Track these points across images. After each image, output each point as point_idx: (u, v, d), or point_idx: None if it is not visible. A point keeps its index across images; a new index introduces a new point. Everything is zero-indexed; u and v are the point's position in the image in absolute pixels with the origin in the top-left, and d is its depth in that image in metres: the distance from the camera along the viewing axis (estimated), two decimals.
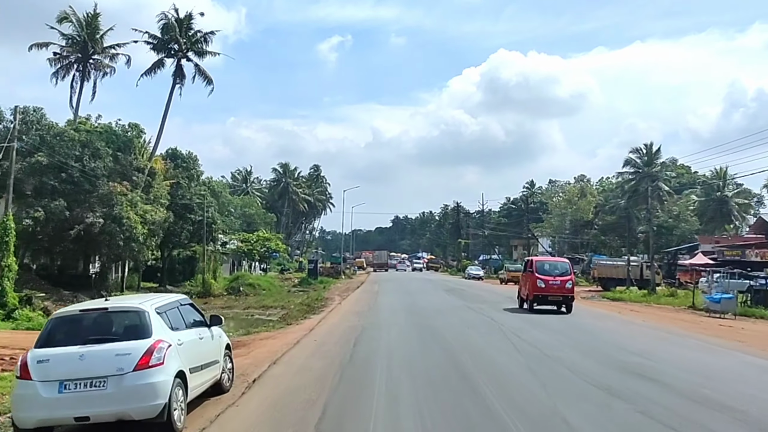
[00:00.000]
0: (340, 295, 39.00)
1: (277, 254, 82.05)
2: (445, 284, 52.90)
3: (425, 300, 32.36)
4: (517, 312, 25.08)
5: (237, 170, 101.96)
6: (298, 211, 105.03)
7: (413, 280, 61.04)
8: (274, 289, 50.74)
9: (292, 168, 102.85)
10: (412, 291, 40.60)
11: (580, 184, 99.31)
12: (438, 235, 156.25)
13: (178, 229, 47.44)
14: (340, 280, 63.07)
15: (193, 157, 51.77)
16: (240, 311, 36.45)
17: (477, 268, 74.64)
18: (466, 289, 44.08)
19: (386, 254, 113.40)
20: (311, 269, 60.62)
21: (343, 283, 58.53)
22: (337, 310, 26.81)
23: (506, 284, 58.83)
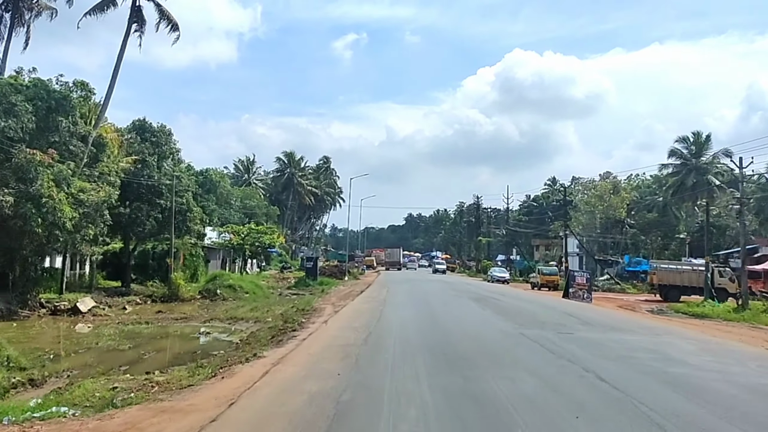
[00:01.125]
0: (335, 303, 28.73)
1: (274, 250, 72.13)
2: (468, 289, 42.54)
3: (452, 317, 21.96)
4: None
5: (239, 159, 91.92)
6: (304, 204, 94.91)
7: (429, 283, 50.73)
8: (260, 292, 40.57)
9: (298, 157, 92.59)
10: (430, 299, 30.18)
11: (613, 179, 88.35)
12: (453, 234, 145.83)
13: (141, 217, 37.44)
14: (344, 281, 52.88)
15: (166, 131, 41.66)
16: (197, 325, 26.31)
17: (501, 269, 64.12)
18: (498, 297, 33.64)
19: (400, 252, 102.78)
20: (309, 268, 50.47)
21: (346, 285, 48.30)
22: (317, 336, 16.52)
23: (539, 290, 48.45)
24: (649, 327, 20.24)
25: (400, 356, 12.72)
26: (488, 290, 41.68)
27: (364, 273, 73.50)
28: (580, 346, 14.42)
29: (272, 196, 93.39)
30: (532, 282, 51.19)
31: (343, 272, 57.96)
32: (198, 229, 41.51)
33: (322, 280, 50.26)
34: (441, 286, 45.20)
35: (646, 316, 27.72)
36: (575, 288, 36.17)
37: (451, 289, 40.98)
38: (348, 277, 57.38)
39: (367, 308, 25.10)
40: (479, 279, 69.56)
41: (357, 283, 50.46)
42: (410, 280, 54.58)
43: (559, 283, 49.98)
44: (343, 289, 43.98)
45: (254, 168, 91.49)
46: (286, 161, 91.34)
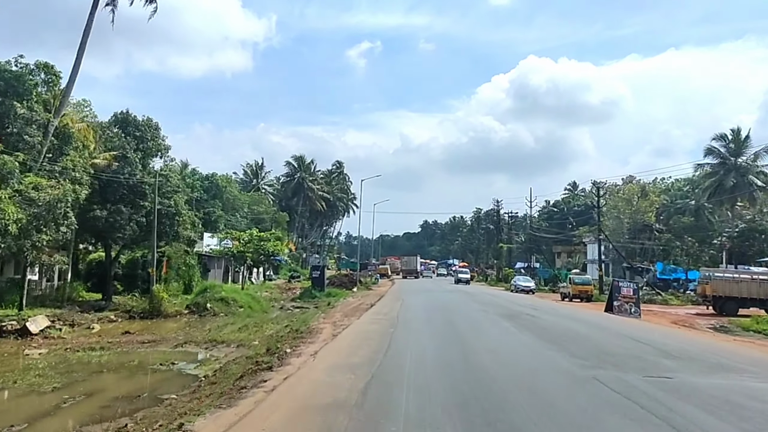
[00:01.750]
0: (337, 322, 23.42)
1: (282, 258, 67.03)
2: (494, 301, 37.06)
3: (485, 345, 16.43)
4: None
5: (247, 163, 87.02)
6: (316, 210, 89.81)
7: (447, 294, 45.32)
8: (257, 306, 35.33)
9: (308, 161, 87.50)
10: (453, 318, 24.68)
11: (639, 183, 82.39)
12: (470, 241, 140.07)
13: (121, 221, 32.48)
14: (354, 293, 47.59)
15: (153, 125, 36.76)
16: (166, 350, 21.09)
17: (526, 278, 58.36)
18: (532, 312, 28.10)
19: (417, 260, 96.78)
20: (316, 278, 45.22)
21: (355, 297, 43.00)
22: (293, 383, 11.17)
23: (570, 301, 42.82)
24: (760, 361, 14.65)
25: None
26: (517, 302, 36.11)
27: (377, 282, 68.15)
28: (701, 406, 8.95)
29: (282, 202, 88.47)
30: (563, 292, 45.51)
31: (353, 282, 52.64)
32: (188, 235, 36.44)
33: (330, 291, 45.05)
34: (461, 298, 39.75)
35: (719, 338, 22.11)
36: (620, 300, 30.56)
37: (475, 302, 35.49)
38: (359, 287, 52.05)
39: (375, 330, 19.73)
40: (501, 288, 63.89)
41: (368, 295, 45.10)
42: (427, 291, 49.12)
43: (593, 293, 44.32)
44: (352, 302, 38.70)
45: (263, 173, 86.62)
46: (296, 165, 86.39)
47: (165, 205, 34.24)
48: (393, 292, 47.49)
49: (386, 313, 26.80)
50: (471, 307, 31.41)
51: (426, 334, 18.87)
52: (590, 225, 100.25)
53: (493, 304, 33.41)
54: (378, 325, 21.25)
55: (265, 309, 35.61)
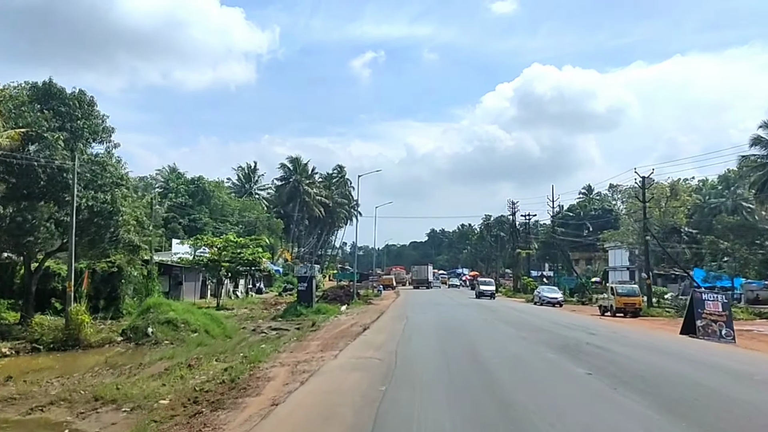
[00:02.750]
0: (300, 364, 14.71)
1: (277, 268, 58.64)
2: (525, 320, 28.30)
3: (569, 425, 7.75)
4: None
5: (239, 166, 78.52)
6: (314, 217, 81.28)
7: (463, 310, 36.64)
8: (217, 330, 26.54)
9: (304, 162, 78.93)
10: (482, 351, 15.77)
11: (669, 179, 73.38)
12: (479, 249, 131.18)
13: (33, 221, 24.03)
14: (349, 308, 38.95)
15: (86, 100, 28.32)
16: (6, 423, 12.43)
17: (552, 288, 49.31)
18: (588, 338, 19.30)
19: (428, 269, 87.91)
20: (302, 291, 36.48)
21: (349, 315, 34.35)
22: None
23: (613, 316, 34.02)
24: None
25: None
26: (555, 321, 27.32)
27: (380, 295, 59.39)
28: None
29: (277, 207, 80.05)
30: (603, 305, 36.61)
31: (350, 295, 43.94)
32: (130, 240, 27.79)
33: (320, 308, 36.40)
34: (482, 315, 31.00)
35: None
36: (705, 319, 21.69)
37: (501, 321, 26.71)
38: (356, 301, 43.33)
39: (354, 387, 11.09)
40: (520, 300, 54.99)
41: (365, 312, 36.38)
42: (438, 305, 40.32)
43: (641, 306, 35.47)
44: (343, 321, 30.10)
45: (256, 177, 78.20)
46: (291, 167, 77.92)
47: (98, 200, 25.72)
48: (396, 308, 38.80)
49: (381, 343, 18.07)
50: (500, 330, 22.64)
51: (442, 393, 10.21)
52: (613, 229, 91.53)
53: (528, 325, 24.62)
54: (363, 374, 12.55)
55: (228, 333, 26.91)
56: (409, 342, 18.37)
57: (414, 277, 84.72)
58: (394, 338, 19.41)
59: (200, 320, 26.36)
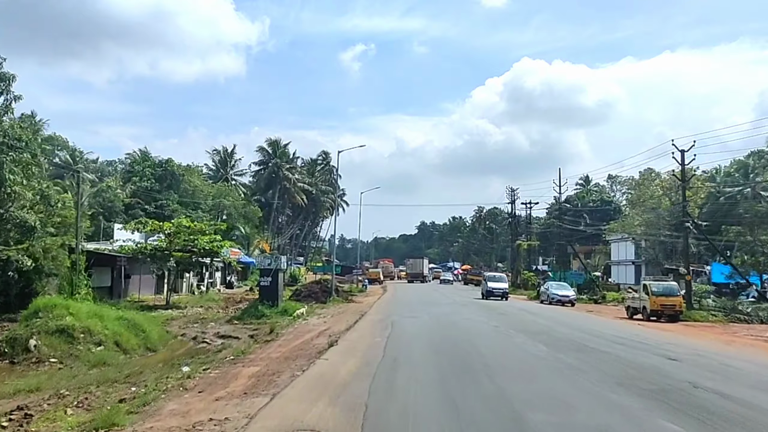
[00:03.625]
0: (220, 400, 7.50)
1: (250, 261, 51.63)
2: (550, 328, 21.13)
3: None
4: None
5: (214, 150, 70.62)
6: (296, 205, 73.84)
7: (464, 310, 29.52)
8: (134, 341, 19.12)
9: (284, 144, 71.16)
10: (524, 414, 8.54)
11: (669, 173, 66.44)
12: (471, 242, 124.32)
13: None
14: (324, 308, 31.66)
15: None
16: None
17: (563, 285, 41.97)
18: (668, 365, 12.18)
19: (424, 262, 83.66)
20: (265, 287, 28.99)
21: (322, 317, 27.10)
22: None
23: (647, 320, 26.99)
24: None
25: None
26: (591, 332, 20.13)
27: (365, 290, 52.26)
28: None
29: (255, 194, 72.52)
30: (633, 306, 29.54)
31: (327, 291, 36.65)
32: (23, 218, 20.34)
33: (288, 307, 29.08)
34: (489, 320, 23.81)
35: None
36: None
37: (521, 332, 19.38)
38: (334, 299, 36.04)
39: None
40: (523, 297, 47.91)
41: (343, 312, 29.14)
42: (431, 305, 32.97)
43: (682, 307, 28.41)
44: (311, 326, 22.97)
45: (233, 161, 70.46)
46: (270, 151, 70.24)
47: None
48: (381, 308, 31.56)
49: (345, 380, 10.82)
50: (526, 348, 15.33)
51: None
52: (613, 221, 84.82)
53: (560, 339, 17.40)
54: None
55: (153, 344, 19.59)
56: (393, 377, 11.10)
57: (409, 271, 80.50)
58: (370, 366, 12.16)
59: (111, 328, 18.93)
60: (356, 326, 21.99)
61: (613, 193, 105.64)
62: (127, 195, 57.90)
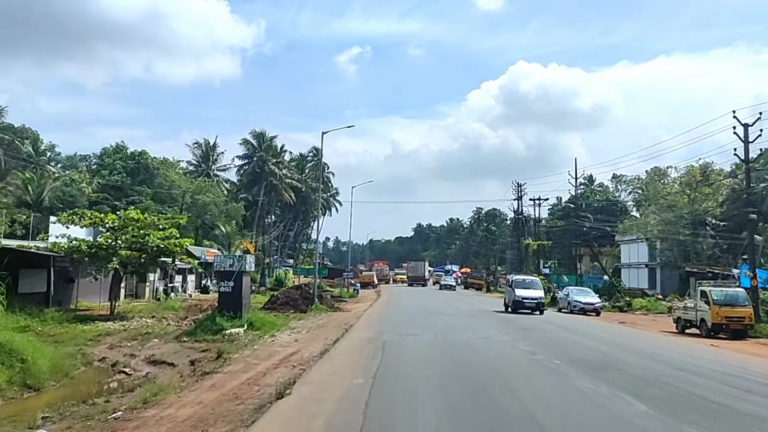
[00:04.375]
0: None
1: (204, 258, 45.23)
2: (609, 360, 14.67)
3: None
4: None
5: (195, 143, 64.08)
6: (284, 203, 67.56)
7: (478, 324, 23.27)
8: (1, 375, 12.90)
9: (269, 136, 64.68)
10: None
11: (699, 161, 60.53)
12: (470, 244, 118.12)
13: None
14: (306, 318, 25.32)
15: None
16: None
17: (587, 292, 35.54)
18: None
19: (424, 265, 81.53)
20: (226, 294, 22.59)
21: (294, 335, 20.78)
22: None
23: (709, 336, 20.82)
24: None
25: None
26: (666, 360, 13.87)
27: (357, 296, 46.02)
28: None
29: (241, 191, 66.23)
30: (685, 318, 23.36)
31: (309, 298, 30.34)
32: None
33: (255, 319, 22.70)
34: (518, 342, 17.43)
35: None
36: None
37: (575, 366, 12.91)
38: (317, 307, 29.73)
39: None
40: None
41: (324, 325, 22.83)
42: (434, 316, 26.57)
43: (752, 320, 22.23)
44: (277, 348, 16.96)
45: (215, 155, 64.05)
46: (254, 144, 63.86)
47: None
48: (373, 320, 25.26)
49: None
50: (606, 405, 8.92)
51: None
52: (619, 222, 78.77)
53: (640, 374, 11.27)
54: None
55: (37, 378, 13.35)
56: None
57: (410, 274, 77.51)
58: None
59: None
60: (334, 350, 15.79)
61: (618, 192, 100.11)
62: (93, 189, 51.66)
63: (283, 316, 26.89)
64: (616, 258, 72.80)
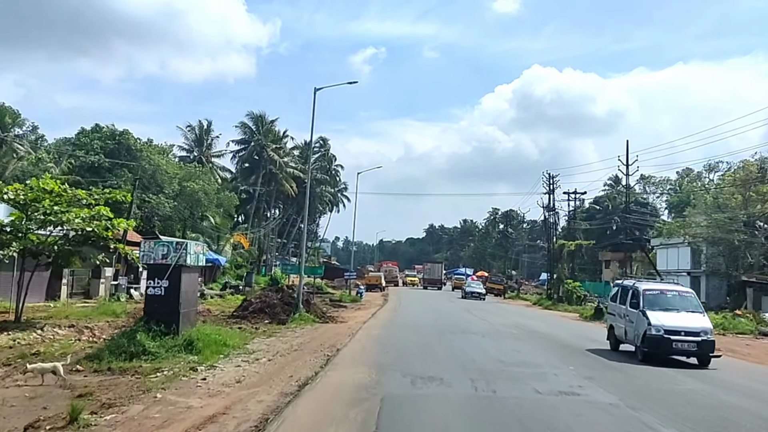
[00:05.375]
0: None
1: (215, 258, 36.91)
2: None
3: None
4: None
5: (188, 125, 56.47)
6: (286, 195, 59.99)
7: (551, 354, 15.34)
8: None
9: (269, 119, 56.93)
10: None
11: (757, 155, 52.15)
12: (485, 246, 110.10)
13: None
14: (278, 333, 17.53)
15: None
16: None
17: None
18: None
19: (441, 268, 75.45)
20: (155, 299, 15.00)
21: (240, 369, 12.87)
22: None
23: None
24: None
25: None
26: None
27: (359, 300, 38.34)
28: None
29: (238, 180, 58.77)
30: None
31: (291, 305, 22.52)
32: None
33: (197, 335, 14.86)
34: (663, 420, 9.42)
35: None
36: None
37: None
38: (301, 314, 21.92)
39: None
40: (572, 315, 33.71)
41: (299, 348, 15.01)
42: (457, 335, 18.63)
43: None
44: (191, 404, 8.79)
45: (209, 139, 56.54)
46: (252, 127, 56.21)
47: None
48: (369, 342, 17.28)
49: None
50: None
51: None
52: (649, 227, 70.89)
53: None
54: None
55: None
56: None
57: (426, 276, 72.89)
58: None
59: None
60: (292, 413, 8.06)
61: (646, 194, 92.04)
62: (63, 170, 44.33)
63: (251, 328, 19.22)
64: (649, 265, 64.48)
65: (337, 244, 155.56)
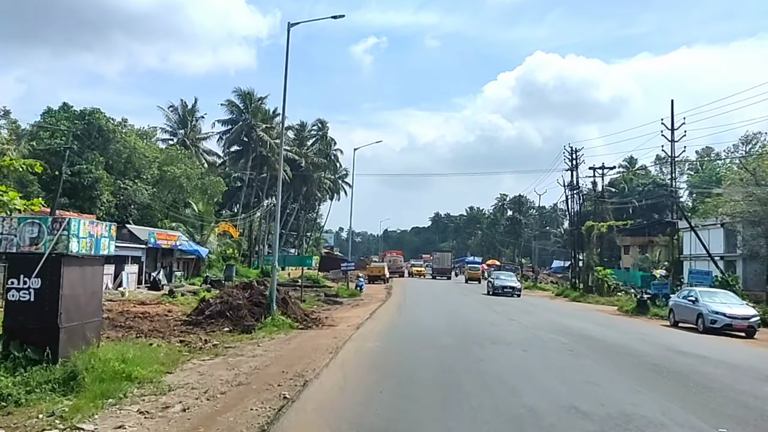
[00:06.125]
0: None
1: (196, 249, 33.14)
2: None
3: None
4: None
5: (170, 106, 50.60)
6: (276, 178, 54.28)
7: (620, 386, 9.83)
8: None
9: (258, 97, 51.00)
10: None
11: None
12: (493, 233, 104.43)
13: None
14: (237, 347, 11.99)
15: None
16: None
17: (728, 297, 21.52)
18: None
19: (449, 257, 74.79)
20: (24, 306, 9.44)
21: (136, 427, 7.29)
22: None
23: None
24: None
25: None
26: None
27: (359, 294, 32.81)
28: None
29: (227, 165, 53.14)
30: None
31: (261, 306, 16.96)
32: None
33: (89, 365, 9.28)
34: None
35: None
36: None
37: None
38: (275, 319, 16.35)
39: None
40: (610, 308, 28.16)
41: (247, 383, 9.44)
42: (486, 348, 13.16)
43: None
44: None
45: (194, 120, 50.81)
46: (240, 105, 50.36)
47: None
48: (357, 367, 11.74)
49: None
50: None
51: None
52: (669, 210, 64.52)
53: None
54: None
55: None
56: None
57: (435, 266, 70.87)
58: None
59: None
60: None
61: (663, 176, 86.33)
62: (23, 154, 38.77)
63: (199, 340, 13.64)
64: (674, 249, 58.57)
65: (340, 234, 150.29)
